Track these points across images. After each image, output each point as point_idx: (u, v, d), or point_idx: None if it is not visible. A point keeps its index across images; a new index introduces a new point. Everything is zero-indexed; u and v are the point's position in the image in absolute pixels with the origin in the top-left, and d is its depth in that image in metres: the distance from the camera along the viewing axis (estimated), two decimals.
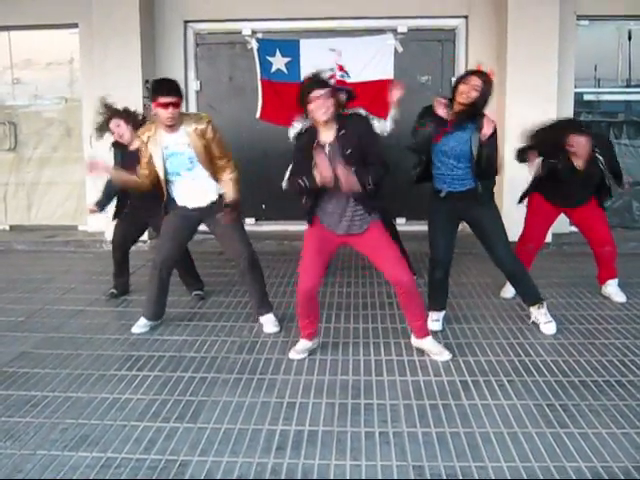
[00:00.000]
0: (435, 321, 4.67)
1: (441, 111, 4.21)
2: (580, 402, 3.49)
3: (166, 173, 4.48)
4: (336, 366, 4.06)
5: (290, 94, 6.76)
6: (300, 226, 4.34)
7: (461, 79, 4.28)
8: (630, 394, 3.58)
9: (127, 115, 5.21)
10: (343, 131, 3.87)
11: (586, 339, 4.47)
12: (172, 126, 4.36)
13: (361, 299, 5.49)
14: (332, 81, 4.30)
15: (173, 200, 4.65)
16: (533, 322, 4.71)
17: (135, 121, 5.17)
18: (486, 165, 4.27)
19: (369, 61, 7.32)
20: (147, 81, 7.72)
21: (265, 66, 7.34)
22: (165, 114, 4.25)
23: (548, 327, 4.61)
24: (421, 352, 4.23)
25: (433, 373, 3.93)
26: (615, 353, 4.20)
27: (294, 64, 7.27)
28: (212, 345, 4.45)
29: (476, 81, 4.18)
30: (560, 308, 5.13)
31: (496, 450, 3.00)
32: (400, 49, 7.41)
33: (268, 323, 4.75)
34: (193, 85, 8.24)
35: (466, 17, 7.94)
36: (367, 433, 3.19)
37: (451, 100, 4.29)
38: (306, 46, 7.33)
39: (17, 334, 4.72)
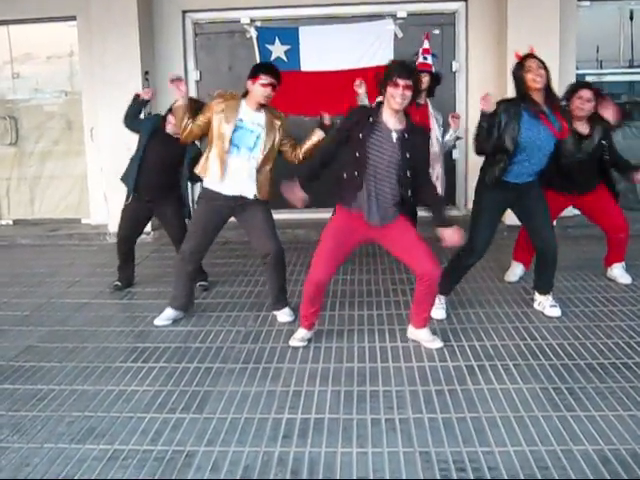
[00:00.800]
0: (441, 308, 4.67)
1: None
2: (586, 385, 3.49)
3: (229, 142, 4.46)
4: (341, 353, 4.06)
5: (290, 82, 6.75)
6: (304, 214, 4.32)
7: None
8: (636, 376, 3.57)
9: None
10: (407, 134, 3.84)
11: (592, 322, 4.46)
12: (261, 105, 4.49)
13: (365, 286, 5.48)
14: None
15: (206, 189, 4.59)
16: (537, 307, 4.73)
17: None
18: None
19: (369, 47, 7.28)
20: (147, 72, 7.70)
21: (265, 54, 7.28)
22: (264, 92, 4.42)
23: (553, 310, 4.61)
24: None
25: (439, 358, 3.92)
26: (621, 335, 4.19)
27: (294, 52, 7.22)
28: (217, 335, 4.45)
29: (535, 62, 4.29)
30: (565, 291, 5.12)
31: (503, 434, 3.00)
32: (400, 34, 7.36)
33: (283, 315, 4.74)
34: (193, 75, 8.20)
35: (466, 0, 7.88)
36: (373, 420, 3.19)
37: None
38: (305, 33, 7.27)
39: (22, 328, 4.73)
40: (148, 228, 7.64)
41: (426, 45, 6.16)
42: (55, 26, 8.25)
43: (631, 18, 8.03)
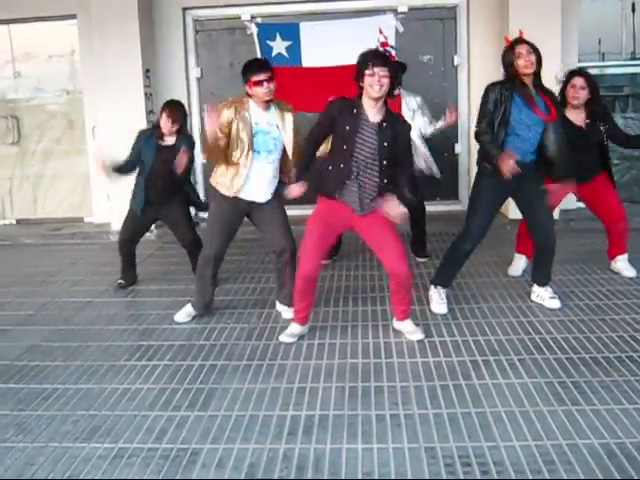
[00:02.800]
0: (442, 303, 4.66)
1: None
2: (591, 378, 3.48)
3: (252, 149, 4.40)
4: (345, 349, 4.05)
5: (291, 78, 6.72)
6: (307, 210, 4.32)
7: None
8: None
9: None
10: (385, 123, 3.91)
11: (596, 315, 4.45)
12: (268, 102, 4.40)
13: (369, 282, 5.47)
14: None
15: (220, 192, 4.52)
16: (536, 299, 4.73)
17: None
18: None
19: (370, 42, 7.25)
20: (148, 70, 7.70)
21: (266, 51, 7.26)
22: (262, 90, 4.30)
23: (553, 302, 4.62)
24: (430, 333, 4.23)
25: (443, 354, 3.92)
26: (626, 329, 4.18)
27: (295, 48, 7.20)
28: (221, 332, 4.45)
29: (525, 47, 4.29)
30: (569, 285, 5.11)
31: (508, 429, 3.00)
32: (401, 29, 7.32)
33: (287, 312, 4.66)
34: (194, 72, 8.20)
35: None
36: (378, 416, 3.19)
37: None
38: (306, 29, 7.25)
39: (26, 327, 4.73)
40: (152, 226, 7.65)
41: (381, 39, 6.34)
42: (56, 25, 8.25)
43: (633, 10, 8.00)
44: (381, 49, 5.85)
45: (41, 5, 7.94)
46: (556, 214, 6.86)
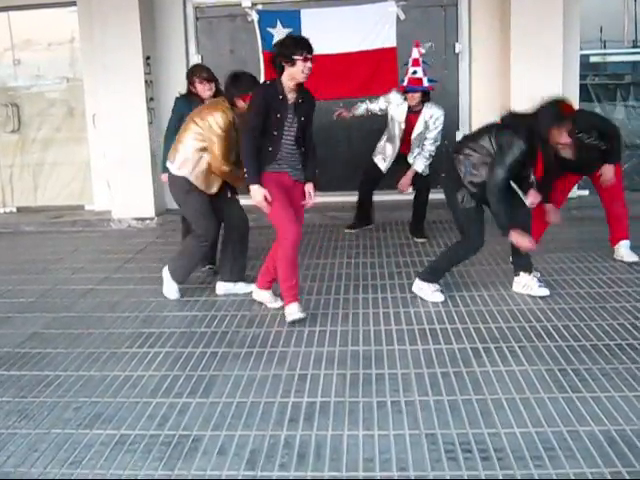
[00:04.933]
0: (437, 290, 4.69)
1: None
2: (592, 366, 3.49)
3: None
4: (346, 337, 4.06)
5: None
6: None
7: None
8: None
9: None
10: (301, 100, 4.27)
11: (597, 303, 4.45)
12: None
13: (370, 269, 5.48)
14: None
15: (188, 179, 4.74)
16: (522, 290, 4.71)
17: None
18: None
19: (371, 29, 7.24)
20: (148, 57, 7.67)
21: (266, 38, 7.26)
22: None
23: (542, 290, 4.63)
24: (431, 320, 4.24)
25: (444, 341, 3.92)
26: (626, 316, 4.19)
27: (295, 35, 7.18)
28: (222, 320, 4.45)
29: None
30: (570, 272, 5.11)
31: (508, 416, 3.00)
32: (402, 16, 7.31)
33: (244, 287, 4.97)
34: (194, 59, 8.14)
35: None
36: (379, 403, 3.20)
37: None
38: (307, 16, 7.24)
39: (28, 315, 4.74)
40: (152, 213, 7.67)
41: (415, 55, 6.18)
42: (55, 12, 8.21)
43: (635, 1, 7.95)
44: (410, 70, 6.07)
45: None
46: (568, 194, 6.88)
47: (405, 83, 6.10)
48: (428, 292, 4.65)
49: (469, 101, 7.77)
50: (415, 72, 6.07)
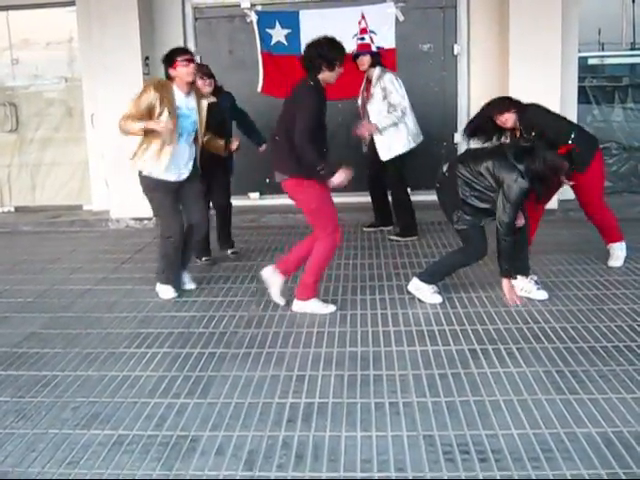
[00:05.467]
0: (435, 292, 4.69)
1: None
2: (589, 368, 3.49)
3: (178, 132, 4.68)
4: (344, 338, 4.06)
5: (291, 66, 6.70)
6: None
7: None
8: (639, 359, 3.58)
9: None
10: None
11: (594, 305, 4.45)
12: (190, 85, 4.74)
13: (368, 270, 5.48)
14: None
15: (149, 177, 4.77)
16: (520, 293, 4.63)
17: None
18: None
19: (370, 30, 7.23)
20: (147, 57, 7.66)
21: (265, 39, 7.25)
22: (187, 70, 4.64)
23: (541, 293, 4.62)
24: (429, 322, 4.24)
25: (441, 342, 3.93)
26: (624, 318, 4.19)
27: (294, 36, 7.18)
28: (220, 320, 4.45)
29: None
30: (567, 274, 5.12)
31: (506, 418, 3.01)
32: (401, 18, 7.30)
33: (189, 283, 5.17)
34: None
35: None
36: (377, 404, 3.20)
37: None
38: (306, 17, 7.23)
39: (26, 315, 4.74)
40: (150, 213, 7.65)
41: (362, 25, 6.60)
42: (54, 12, 8.20)
43: (633, 1, 7.97)
44: (358, 38, 6.14)
45: None
46: (554, 204, 6.90)
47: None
48: (427, 293, 4.64)
49: (468, 102, 7.78)
50: (363, 39, 6.45)
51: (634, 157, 8.01)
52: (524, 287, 4.67)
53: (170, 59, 4.66)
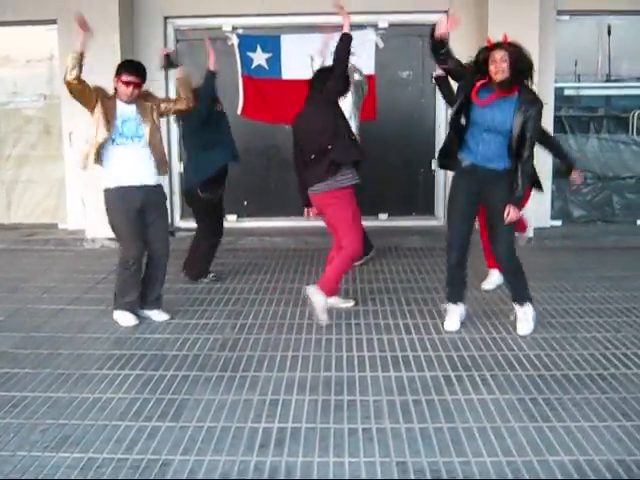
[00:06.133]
0: (447, 319, 4.64)
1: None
2: (563, 396, 3.51)
3: (117, 134, 4.64)
4: (319, 362, 4.05)
5: (271, 90, 6.74)
6: (281, 222, 4.38)
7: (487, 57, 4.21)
8: (612, 387, 3.60)
9: None
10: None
11: (568, 333, 4.49)
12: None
13: (343, 295, 5.47)
14: None
15: (110, 189, 4.73)
16: (514, 318, 4.61)
17: None
18: (524, 145, 4.17)
19: (350, 56, 7.29)
20: None
21: (246, 62, 7.28)
22: (126, 92, 4.63)
23: (523, 327, 4.49)
24: (404, 347, 4.24)
25: (416, 368, 3.93)
26: (597, 347, 4.22)
27: (275, 60, 7.23)
28: (194, 343, 4.42)
29: (500, 54, 4.15)
30: (542, 302, 5.15)
31: (479, 445, 3.01)
32: (381, 44, 7.38)
33: (159, 315, 4.92)
34: (174, 81, 8.16)
35: (446, 12, 7.93)
36: (350, 429, 3.18)
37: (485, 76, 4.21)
38: (287, 42, 7.28)
39: None
40: None
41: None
42: (35, 29, 8.18)
43: (609, 33, 8.13)
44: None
45: (21, 9, 7.88)
46: (530, 232, 6.97)
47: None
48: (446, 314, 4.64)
49: (445, 130, 7.84)
50: None
51: (608, 187, 8.13)
52: (516, 314, 4.56)
53: (117, 71, 4.67)
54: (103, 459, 2.94)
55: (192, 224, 6.21)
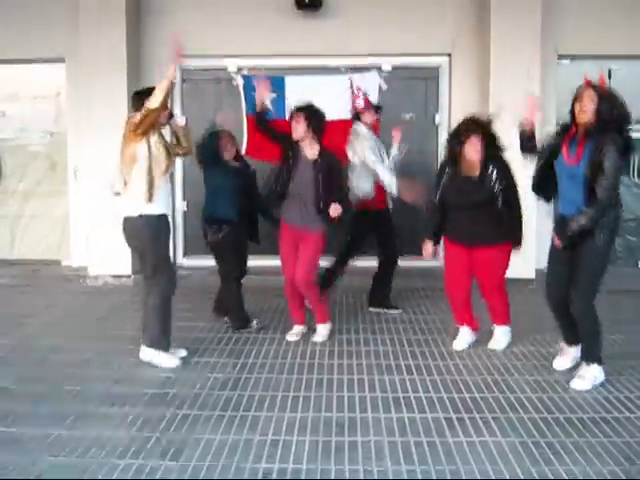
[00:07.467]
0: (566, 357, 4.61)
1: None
2: (565, 439, 3.49)
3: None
4: (320, 402, 4.03)
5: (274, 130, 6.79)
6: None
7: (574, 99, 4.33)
8: (615, 431, 3.58)
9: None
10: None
11: (571, 375, 4.46)
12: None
13: (345, 335, 5.47)
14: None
15: (157, 216, 4.69)
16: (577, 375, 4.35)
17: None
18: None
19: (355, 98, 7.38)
20: None
21: (250, 102, 7.36)
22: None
23: (578, 383, 4.26)
24: (406, 389, 4.22)
25: (417, 410, 3.91)
26: (600, 390, 4.20)
27: (279, 100, 7.30)
28: (195, 382, 4.40)
29: (588, 93, 4.26)
30: (545, 344, 5.13)
31: None
32: (385, 87, 7.47)
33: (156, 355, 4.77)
34: (179, 121, 8.24)
35: (449, 55, 8.06)
36: (351, 471, 3.16)
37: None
38: (291, 83, 7.37)
39: None
40: (129, 271, 7.65)
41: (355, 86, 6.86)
42: (42, 67, 8.33)
43: (609, 77, 8.21)
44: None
45: (30, 48, 8.02)
46: (532, 274, 6.97)
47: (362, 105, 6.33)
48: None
49: None
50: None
51: None
52: (581, 371, 4.35)
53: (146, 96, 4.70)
54: None
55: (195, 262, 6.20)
